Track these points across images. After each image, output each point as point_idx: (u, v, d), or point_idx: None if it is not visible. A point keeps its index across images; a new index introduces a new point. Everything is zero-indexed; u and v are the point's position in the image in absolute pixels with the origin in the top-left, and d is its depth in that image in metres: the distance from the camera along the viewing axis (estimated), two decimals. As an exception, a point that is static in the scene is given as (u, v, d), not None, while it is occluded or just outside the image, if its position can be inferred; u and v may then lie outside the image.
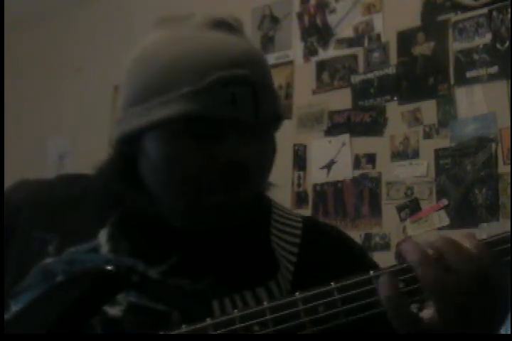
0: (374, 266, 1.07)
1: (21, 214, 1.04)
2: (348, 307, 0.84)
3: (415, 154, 2.67)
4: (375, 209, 2.77)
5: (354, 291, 0.85)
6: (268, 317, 0.86)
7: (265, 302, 0.86)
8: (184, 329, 0.87)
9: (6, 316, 0.94)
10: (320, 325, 0.85)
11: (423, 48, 2.72)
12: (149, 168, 0.97)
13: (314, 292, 0.86)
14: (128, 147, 0.99)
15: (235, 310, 0.87)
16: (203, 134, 0.93)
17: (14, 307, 0.95)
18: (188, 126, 0.93)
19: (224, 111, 0.92)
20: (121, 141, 0.99)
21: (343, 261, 1.03)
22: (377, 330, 0.92)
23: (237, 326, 0.85)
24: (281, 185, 1.05)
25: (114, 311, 0.93)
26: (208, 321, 0.87)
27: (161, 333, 0.88)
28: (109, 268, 0.93)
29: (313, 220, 1.13)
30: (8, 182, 1.13)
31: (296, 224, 1.06)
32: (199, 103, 0.92)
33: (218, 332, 0.85)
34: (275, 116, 0.98)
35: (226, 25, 0.98)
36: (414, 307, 0.83)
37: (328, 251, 1.04)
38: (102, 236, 0.99)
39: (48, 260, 0.97)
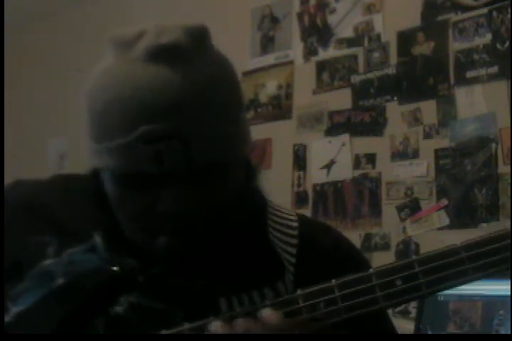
0: (367, 263, 1.08)
1: (16, 216, 1.04)
2: (348, 303, 0.85)
3: (415, 154, 2.67)
4: (375, 209, 2.77)
5: (354, 288, 0.85)
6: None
7: (267, 300, 0.87)
8: (185, 326, 0.88)
9: (7, 318, 0.95)
10: (321, 321, 0.86)
11: (423, 48, 2.72)
12: (109, 197, 0.98)
13: (315, 289, 0.86)
14: (98, 172, 0.99)
15: (238, 308, 0.87)
16: (138, 185, 0.92)
17: (14, 309, 0.95)
18: (122, 177, 0.93)
19: (149, 168, 0.90)
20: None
21: (339, 260, 1.03)
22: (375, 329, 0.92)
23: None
24: (281, 185, 1.06)
25: (116, 311, 0.93)
26: (210, 319, 0.87)
27: (163, 332, 0.89)
28: (114, 268, 0.94)
29: (308, 219, 1.14)
30: (8, 182, 1.13)
31: (293, 224, 1.06)
32: (124, 159, 0.90)
33: None
34: (222, 158, 0.93)
35: (170, 53, 0.91)
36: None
37: (325, 251, 1.05)
38: (98, 237, 0.99)
39: (47, 262, 0.97)
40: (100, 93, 0.93)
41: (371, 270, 0.86)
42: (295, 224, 1.06)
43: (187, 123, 0.89)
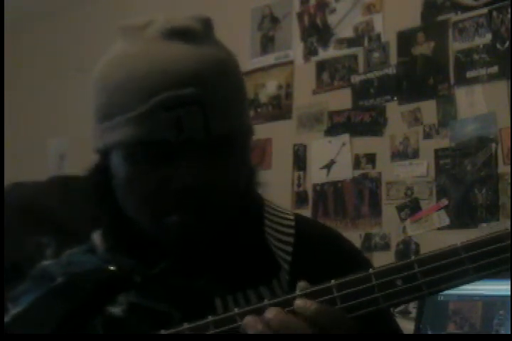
0: (367, 262, 1.08)
1: (16, 217, 1.04)
2: (347, 304, 0.85)
3: (415, 154, 2.67)
4: (375, 209, 2.77)
5: (353, 289, 0.85)
6: None
7: (266, 300, 0.87)
8: (185, 326, 0.88)
9: (6, 318, 0.95)
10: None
11: (423, 48, 2.72)
12: (116, 183, 0.98)
13: (313, 289, 0.86)
14: (103, 159, 0.99)
15: (235, 308, 0.87)
16: (153, 157, 0.93)
17: (13, 310, 0.95)
18: (138, 149, 0.93)
19: (169, 135, 0.90)
20: (97, 153, 1.00)
21: (337, 259, 1.04)
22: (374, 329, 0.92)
23: (239, 323, 0.86)
24: (281, 185, 1.06)
25: (115, 311, 0.93)
26: (209, 318, 0.87)
27: (162, 332, 0.89)
28: (112, 268, 0.94)
29: (305, 218, 1.14)
30: (8, 182, 1.13)
31: (289, 223, 1.06)
32: (143, 128, 0.91)
33: (219, 329, 0.86)
34: (235, 130, 0.95)
35: (182, 34, 0.95)
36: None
37: (322, 250, 1.05)
38: (97, 237, 0.99)
39: (46, 262, 0.97)
40: (114, 72, 0.94)
41: (370, 270, 0.86)
42: (292, 223, 1.06)
43: (206, 92, 0.91)
